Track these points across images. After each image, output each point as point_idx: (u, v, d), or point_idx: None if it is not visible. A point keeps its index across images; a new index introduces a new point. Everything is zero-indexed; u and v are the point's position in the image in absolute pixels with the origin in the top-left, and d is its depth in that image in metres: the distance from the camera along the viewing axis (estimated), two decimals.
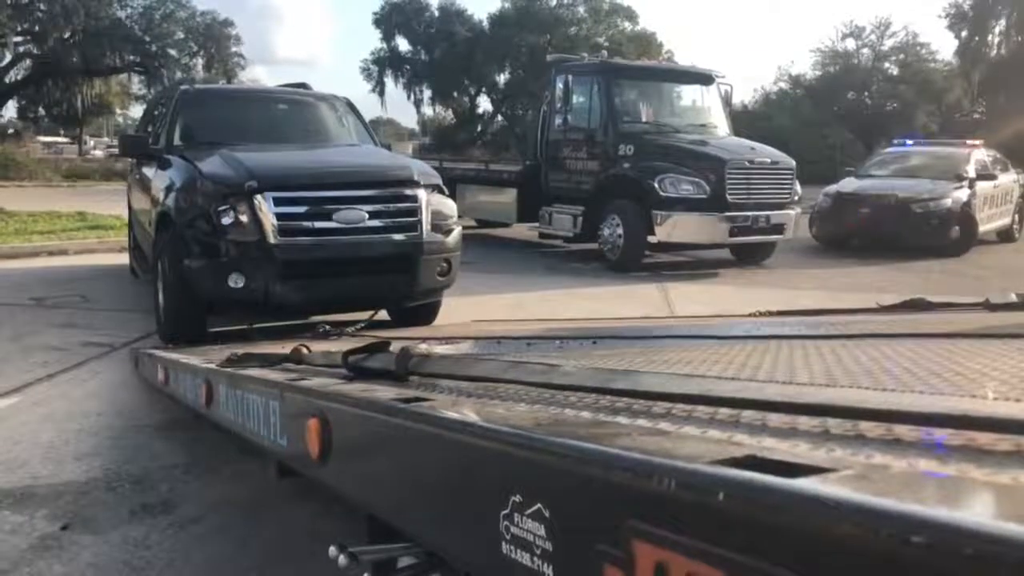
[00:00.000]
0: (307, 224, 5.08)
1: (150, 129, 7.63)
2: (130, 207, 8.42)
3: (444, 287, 5.72)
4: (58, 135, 48.20)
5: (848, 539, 0.56)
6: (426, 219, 5.38)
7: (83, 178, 27.45)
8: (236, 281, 4.94)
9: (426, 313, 5.87)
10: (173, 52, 35.32)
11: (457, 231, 5.74)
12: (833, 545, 0.57)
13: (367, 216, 5.20)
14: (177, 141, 6.37)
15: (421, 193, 5.42)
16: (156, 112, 7.84)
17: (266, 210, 4.95)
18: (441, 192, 5.73)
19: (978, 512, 0.56)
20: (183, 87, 7.99)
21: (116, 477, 3.33)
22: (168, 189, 5.62)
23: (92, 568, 2.59)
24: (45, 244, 10.36)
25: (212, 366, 2.66)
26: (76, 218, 12.68)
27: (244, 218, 4.94)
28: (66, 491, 3.18)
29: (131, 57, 34.55)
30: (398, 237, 5.33)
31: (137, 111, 38.68)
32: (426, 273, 5.42)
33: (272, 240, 4.95)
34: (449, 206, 5.75)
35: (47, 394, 4.50)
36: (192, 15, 35.52)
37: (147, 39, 34.21)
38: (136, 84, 38.06)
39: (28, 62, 33.79)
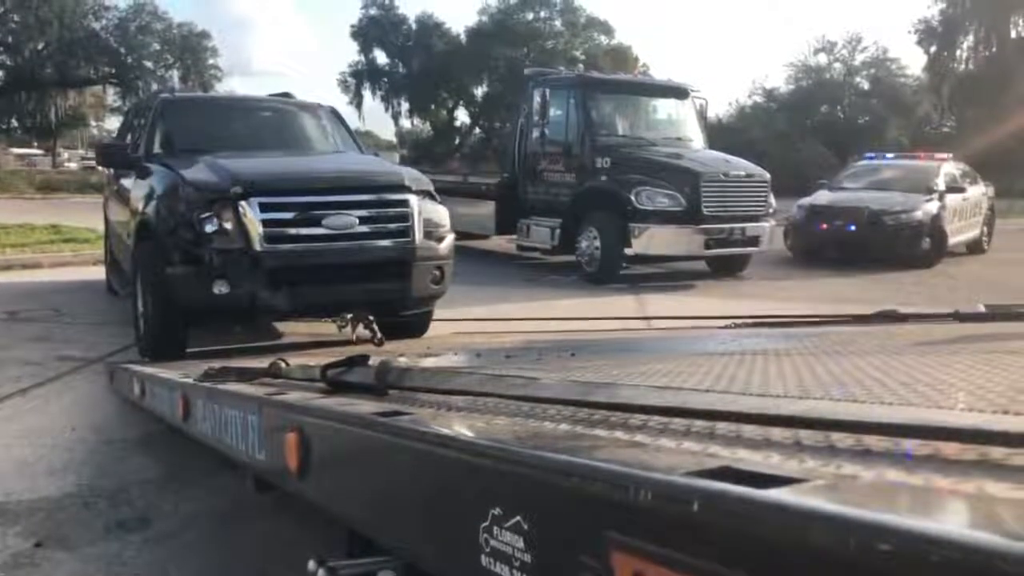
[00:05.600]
0: (294, 231, 4.92)
1: (128, 139, 7.44)
2: (107, 220, 8.23)
3: (438, 295, 5.54)
4: (31, 147, 47.60)
5: (818, 548, 0.58)
6: (418, 225, 5.21)
7: (57, 190, 27.13)
8: (221, 288, 4.76)
9: (418, 324, 5.67)
10: (149, 64, 35.25)
11: (450, 239, 5.56)
12: (804, 554, 0.59)
13: (357, 222, 5.03)
14: (157, 149, 6.15)
15: (412, 199, 5.24)
16: (135, 122, 7.59)
17: (252, 216, 4.79)
18: (433, 199, 5.55)
19: (944, 520, 0.58)
20: (163, 95, 7.81)
21: (91, 492, 3.29)
22: (148, 197, 5.40)
23: None
24: (19, 257, 10.20)
25: (189, 380, 2.64)
26: (50, 231, 12.47)
27: (228, 225, 4.77)
28: (40, 507, 3.13)
29: (106, 69, 34.39)
30: (390, 243, 5.17)
31: (112, 123, 38.44)
32: (419, 280, 5.24)
33: (258, 247, 4.78)
34: (441, 213, 5.56)
35: (21, 409, 4.43)
36: (168, 27, 35.46)
37: (123, 51, 34.06)
38: (111, 96, 37.86)
39: (1, 73, 33.47)
